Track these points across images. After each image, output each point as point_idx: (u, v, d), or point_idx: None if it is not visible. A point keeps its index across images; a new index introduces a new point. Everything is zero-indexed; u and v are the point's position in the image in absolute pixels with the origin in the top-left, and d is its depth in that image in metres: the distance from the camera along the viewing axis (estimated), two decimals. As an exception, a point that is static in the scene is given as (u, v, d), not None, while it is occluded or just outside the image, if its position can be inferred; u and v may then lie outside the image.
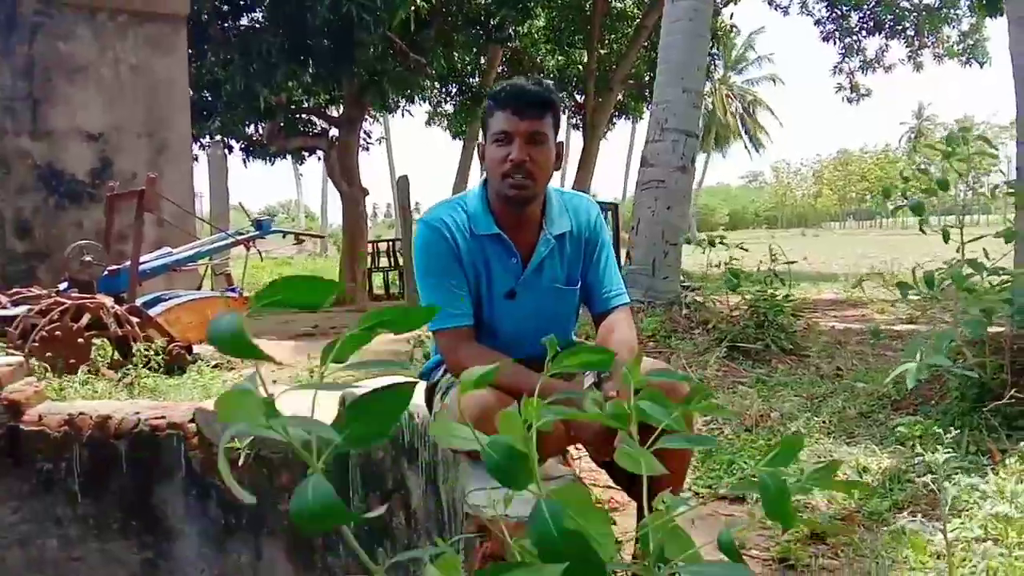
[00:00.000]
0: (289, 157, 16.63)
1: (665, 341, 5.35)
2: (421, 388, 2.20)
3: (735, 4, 17.01)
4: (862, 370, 4.49)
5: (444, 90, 16.02)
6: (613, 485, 2.36)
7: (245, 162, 15.29)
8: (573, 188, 18.16)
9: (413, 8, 8.08)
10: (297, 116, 14.13)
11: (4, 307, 4.98)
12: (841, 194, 75.26)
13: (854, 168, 72.65)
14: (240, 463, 3.19)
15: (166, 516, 3.54)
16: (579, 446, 2.17)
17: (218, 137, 13.18)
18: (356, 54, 9.00)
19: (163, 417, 3.41)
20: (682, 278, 10.72)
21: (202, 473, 3.32)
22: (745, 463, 2.89)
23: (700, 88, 6.14)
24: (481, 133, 1.94)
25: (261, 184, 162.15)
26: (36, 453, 3.43)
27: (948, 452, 1.93)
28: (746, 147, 57.53)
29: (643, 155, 6.08)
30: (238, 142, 14.46)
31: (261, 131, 13.89)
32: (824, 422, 3.35)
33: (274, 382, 4.78)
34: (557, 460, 1.96)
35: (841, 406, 3.56)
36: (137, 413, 3.49)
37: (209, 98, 12.08)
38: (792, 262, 5.67)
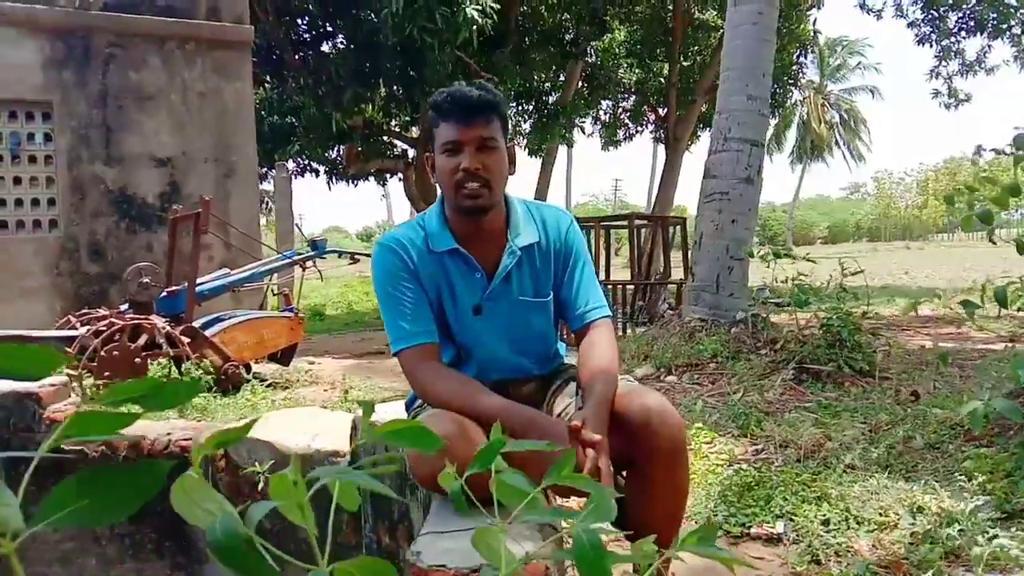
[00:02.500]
0: (372, 179, 16.95)
1: (728, 362, 5.06)
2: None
3: (818, 9, 16.41)
4: (943, 394, 4.10)
5: (520, 108, 15.97)
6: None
7: (329, 185, 15.69)
8: (656, 202, 17.89)
9: (476, 27, 8.06)
10: (376, 138, 14.37)
11: (74, 327, 5.15)
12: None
13: (963, 177, 68.85)
14: (260, 488, 3.16)
15: (198, 538, 3.54)
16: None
17: (288, 161, 13.56)
18: (425, 75, 9.07)
19: (191, 439, 3.42)
20: (768, 293, 10.24)
21: (229, 495, 3.28)
22: (785, 499, 2.62)
23: (766, 95, 5.82)
24: (429, 146, 1.84)
25: (356, 206, 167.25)
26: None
27: (981, 498, 1.65)
28: (845, 158, 55.50)
29: (706, 166, 5.80)
30: (321, 165, 14.84)
31: (341, 154, 14.21)
32: (884, 453, 3.03)
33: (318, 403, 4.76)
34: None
35: (907, 435, 3.23)
36: (169, 434, 3.51)
37: (293, 123, 12.46)
38: (860, 271, 5.26)
